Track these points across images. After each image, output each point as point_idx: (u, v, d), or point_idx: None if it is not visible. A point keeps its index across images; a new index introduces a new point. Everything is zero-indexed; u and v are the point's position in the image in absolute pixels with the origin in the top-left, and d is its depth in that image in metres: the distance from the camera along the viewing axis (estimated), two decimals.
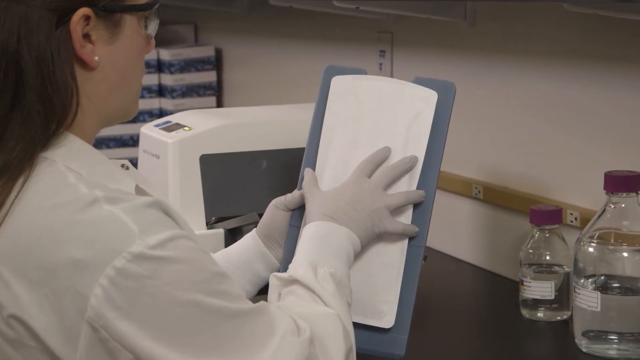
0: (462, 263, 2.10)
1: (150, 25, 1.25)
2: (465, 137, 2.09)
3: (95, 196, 1.12)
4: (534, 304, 1.75)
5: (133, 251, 1.09)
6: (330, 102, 1.48)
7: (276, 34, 2.78)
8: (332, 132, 1.47)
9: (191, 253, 1.13)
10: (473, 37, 2.06)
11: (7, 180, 1.13)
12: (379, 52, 2.32)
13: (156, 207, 1.14)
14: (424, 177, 1.44)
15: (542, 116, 1.92)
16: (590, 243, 1.59)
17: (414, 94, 1.47)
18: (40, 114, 1.15)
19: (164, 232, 1.11)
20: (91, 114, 1.21)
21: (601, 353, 1.58)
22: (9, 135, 1.15)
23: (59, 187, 1.13)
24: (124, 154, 2.91)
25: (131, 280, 1.08)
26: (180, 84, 3.01)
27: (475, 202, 2.07)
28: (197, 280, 1.12)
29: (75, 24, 1.16)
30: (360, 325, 1.41)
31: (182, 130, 1.79)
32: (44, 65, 1.15)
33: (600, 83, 1.80)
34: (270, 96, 2.81)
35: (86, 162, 1.18)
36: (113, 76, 1.21)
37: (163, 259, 1.10)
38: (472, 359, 1.65)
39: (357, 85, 1.49)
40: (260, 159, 1.78)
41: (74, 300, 1.09)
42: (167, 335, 1.10)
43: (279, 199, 1.47)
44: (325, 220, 1.37)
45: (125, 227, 1.10)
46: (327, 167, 1.46)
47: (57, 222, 1.10)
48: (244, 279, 1.46)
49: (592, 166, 1.78)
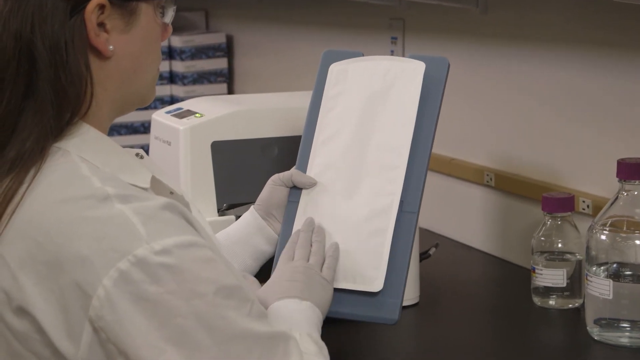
0: (473, 250, 2.10)
1: (167, 12, 1.25)
2: (476, 125, 2.08)
3: (108, 193, 1.11)
4: (546, 292, 1.75)
5: (138, 254, 1.07)
6: (327, 87, 1.55)
7: (287, 21, 2.78)
8: (326, 116, 1.54)
9: (198, 262, 1.10)
10: (485, 24, 2.05)
11: (20, 171, 1.13)
12: (391, 39, 2.31)
13: (171, 209, 1.12)
14: (415, 146, 1.48)
15: (554, 103, 1.91)
16: (603, 231, 1.58)
17: (403, 67, 1.52)
18: (54, 104, 1.14)
19: (172, 238, 1.10)
20: (106, 102, 1.20)
21: (613, 341, 1.58)
22: (23, 125, 1.15)
23: (71, 179, 1.13)
24: (135, 140, 2.91)
25: (133, 285, 1.07)
26: (191, 71, 3.01)
27: (487, 189, 2.07)
28: (201, 292, 1.09)
29: (90, 12, 1.15)
30: (351, 291, 1.44)
31: (194, 117, 1.79)
32: (58, 54, 1.14)
33: (613, 71, 1.79)
34: (281, 83, 2.80)
35: (101, 153, 1.17)
36: (128, 65, 1.21)
37: (166, 266, 1.08)
38: (484, 347, 1.65)
39: (350, 69, 1.56)
40: (271, 145, 1.78)
41: (79, 298, 1.08)
42: (164, 345, 1.07)
43: (277, 176, 1.53)
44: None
45: (133, 229, 1.09)
46: (322, 149, 1.52)
47: (68, 217, 1.10)
48: (245, 253, 1.50)
49: (604, 153, 1.78)
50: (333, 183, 1.51)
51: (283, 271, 1.40)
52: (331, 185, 1.51)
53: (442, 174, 2.15)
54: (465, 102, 2.08)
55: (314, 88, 1.57)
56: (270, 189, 1.52)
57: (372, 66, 1.54)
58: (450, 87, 1.57)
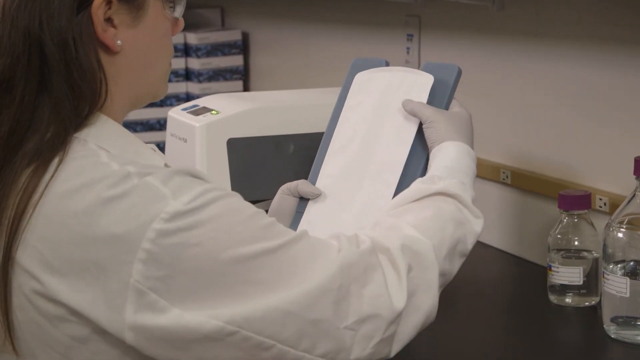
0: (489, 248, 2.09)
1: (177, 7, 1.25)
2: (493, 122, 2.08)
3: (128, 171, 1.12)
4: (562, 290, 1.75)
5: (169, 211, 1.09)
6: (349, 97, 1.56)
7: (303, 18, 2.78)
8: (343, 125, 1.54)
9: (225, 198, 1.13)
10: (502, 21, 2.05)
11: (40, 164, 1.14)
12: (407, 36, 2.31)
13: (183, 173, 1.14)
14: (410, 160, 1.47)
15: (571, 101, 1.91)
16: (620, 228, 1.58)
17: (413, 80, 1.52)
18: (70, 98, 1.15)
19: (196, 189, 1.12)
20: (118, 97, 1.21)
21: (630, 339, 1.57)
22: (39, 120, 1.15)
23: (92, 166, 1.14)
24: (151, 137, 2.91)
25: (174, 237, 1.09)
26: (207, 68, 3.01)
27: (503, 187, 2.06)
28: (239, 220, 1.12)
29: (96, 8, 1.16)
30: None
31: (210, 114, 1.79)
32: (67, 50, 1.15)
33: (631, 68, 1.78)
34: (296, 80, 2.80)
35: (118, 141, 1.19)
36: (137, 59, 1.21)
37: (200, 208, 1.10)
38: (500, 345, 1.64)
39: (371, 79, 1.55)
40: (287, 142, 1.78)
41: (118, 269, 1.09)
42: (220, 282, 1.10)
43: (286, 185, 1.52)
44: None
45: (157, 191, 1.10)
46: (332, 159, 1.52)
47: (93, 197, 1.11)
48: None
49: (621, 151, 1.77)
50: (336, 194, 1.50)
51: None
52: (334, 196, 1.50)
53: None
54: (482, 99, 2.08)
55: (339, 96, 1.58)
56: (279, 198, 1.52)
57: (389, 77, 1.54)
58: (466, 84, 1.57)
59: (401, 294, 1.19)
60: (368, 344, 1.17)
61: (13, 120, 1.15)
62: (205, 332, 1.10)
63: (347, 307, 1.15)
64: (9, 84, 1.16)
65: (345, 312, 1.15)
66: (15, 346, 1.15)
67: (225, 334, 1.10)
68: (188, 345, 1.10)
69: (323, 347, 1.14)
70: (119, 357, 1.12)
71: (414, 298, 1.21)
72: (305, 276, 1.13)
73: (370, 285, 1.17)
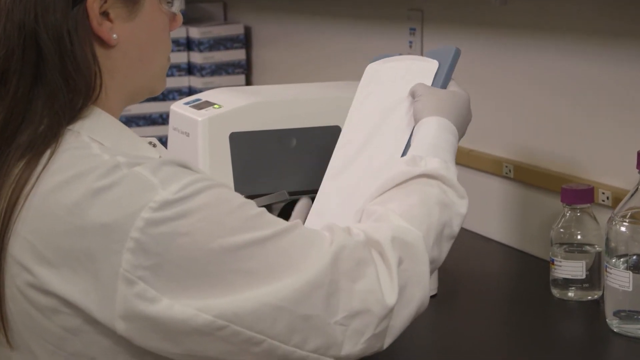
0: (492, 242, 2.09)
1: (174, 2, 1.25)
2: (495, 116, 2.08)
3: (118, 162, 1.12)
4: (565, 284, 1.75)
5: (158, 200, 1.09)
6: (360, 88, 1.56)
7: (306, 12, 2.78)
8: (352, 117, 1.53)
9: (214, 187, 1.13)
10: (504, 14, 2.04)
11: (33, 156, 1.14)
12: (409, 30, 2.31)
13: (173, 163, 1.14)
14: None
15: (574, 95, 1.91)
16: (622, 222, 1.58)
17: (421, 66, 1.52)
18: (64, 91, 1.15)
19: (185, 178, 1.11)
20: (114, 91, 1.21)
21: (633, 333, 1.57)
22: (33, 112, 1.16)
23: (83, 157, 1.14)
24: (154, 132, 2.91)
25: (163, 226, 1.08)
26: (209, 62, 3.01)
27: (506, 180, 2.06)
28: (228, 210, 1.12)
29: (92, 2, 1.16)
30: None
31: (212, 108, 1.79)
32: (62, 43, 1.15)
33: (634, 62, 1.78)
34: (299, 74, 2.80)
35: (111, 134, 1.19)
36: (134, 53, 1.21)
37: (189, 197, 1.10)
38: (502, 339, 1.65)
39: (383, 69, 1.55)
40: (290, 136, 1.78)
41: (107, 259, 1.08)
42: (209, 272, 1.09)
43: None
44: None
45: (146, 181, 1.10)
46: (340, 152, 1.51)
47: (84, 188, 1.10)
48: None
49: (624, 145, 1.77)
50: (341, 188, 1.50)
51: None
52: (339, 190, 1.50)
53: (461, 166, 2.15)
54: (484, 93, 2.08)
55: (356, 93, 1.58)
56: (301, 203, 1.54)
57: (397, 66, 1.54)
58: (468, 78, 1.57)
59: (392, 289, 1.19)
60: (359, 340, 1.17)
61: (7, 112, 1.16)
62: (195, 325, 1.09)
63: (337, 302, 1.15)
64: (3, 76, 1.16)
65: (335, 307, 1.15)
66: (9, 338, 1.15)
67: (214, 328, 1.10)
68: (178, 337, 1.10)
69: (314, 343, 1.14)
70: (111, 348, 1.12)
71: (405, 292, 1.20)
72: (297, 268, 1.13)
73: (363, 280, 1.17)
